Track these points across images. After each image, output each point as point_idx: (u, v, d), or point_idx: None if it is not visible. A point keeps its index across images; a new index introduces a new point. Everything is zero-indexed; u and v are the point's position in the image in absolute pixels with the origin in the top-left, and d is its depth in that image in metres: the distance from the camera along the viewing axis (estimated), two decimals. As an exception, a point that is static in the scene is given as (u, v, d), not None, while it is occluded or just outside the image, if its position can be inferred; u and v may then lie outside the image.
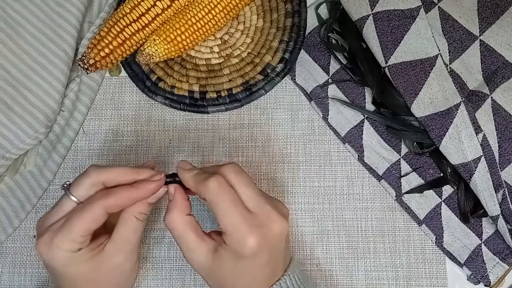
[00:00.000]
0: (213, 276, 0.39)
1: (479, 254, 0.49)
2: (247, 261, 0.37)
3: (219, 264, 0.38)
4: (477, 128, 0.46)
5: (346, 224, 0.51)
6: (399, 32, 0.48)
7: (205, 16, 0.50)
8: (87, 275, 0.38)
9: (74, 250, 0.36)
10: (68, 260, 0.37)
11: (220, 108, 0.51)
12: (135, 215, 0.38)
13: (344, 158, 0.52)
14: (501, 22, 0.48)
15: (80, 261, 0.37)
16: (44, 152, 0.52)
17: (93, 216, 0.36)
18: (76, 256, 0.37)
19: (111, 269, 0.38)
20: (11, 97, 0.49)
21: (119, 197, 0.37)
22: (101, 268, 0.38)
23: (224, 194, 0.37)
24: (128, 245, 0.39)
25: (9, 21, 0.50)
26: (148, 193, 0.38)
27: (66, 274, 0.37)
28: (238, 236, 0.36)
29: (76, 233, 0.36)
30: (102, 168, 0.38)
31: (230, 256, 0.37)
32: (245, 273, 0.38)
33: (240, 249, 0.36)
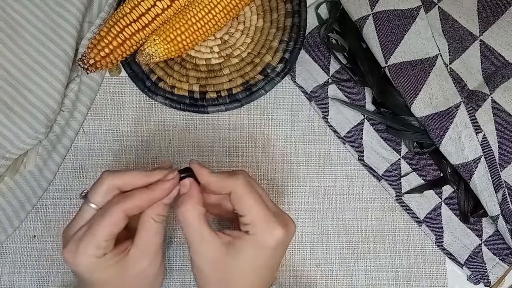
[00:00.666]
0: (220, 270, 0.39)
1: (479, 254, 0.49)
2: (266, 254, 0.38)
3: (234, 257, 0.38)
4: (477, 128, 0.46)
5: (346, 224, 0.51)
6: (399, 32, 0.48)
7: (205, 16, 0.50)
8: (113, 280, 0.38)
9: (99, 255, 0.37)
10: (94, 266, 0.37)
11: (220, 108, 0.51)
12: (153, 218, 0.39)
13: (344, 158, 0.52)
14: (501, 22, 0.48)
15: (106, 266, 0.37)
16: (44, 152, 0.52)
17: (114, 220, 0.37)
18: (102, 262, 0.37)
19: (136, 274, 0.39)
20: (11, 97, 0.49)
21: (136, 200, 0.38)
22: (126, 273, 0.38)
23: (252, 187, 0.39)
24: (151, 248, 0.39)
25: (9, 21, 0.50)
26: (164, 193, 0.39)
27: (93, 280, 0.38)
28: (266, 226, 0.38)
29: (100, 238, 0.37)
30: (115, 173, 0.39)
31: (250, 248, 0.38)
32: (261, 268, 0.39)
33: (266, 239, 0.38)
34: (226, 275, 0.39)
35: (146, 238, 0.39)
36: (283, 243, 0.39)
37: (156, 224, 0.39)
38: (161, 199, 0.39)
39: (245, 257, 0.38)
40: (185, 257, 0.51)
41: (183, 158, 0.53)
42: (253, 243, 0.38)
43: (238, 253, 0.38)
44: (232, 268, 0.38)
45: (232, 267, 0.38)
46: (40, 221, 0.52)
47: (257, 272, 0.39)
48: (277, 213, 0.39)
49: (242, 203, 0.38)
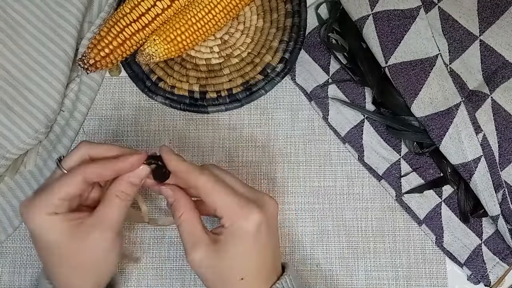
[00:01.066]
0: (216, 270, 0.39)
1: (479, 254, 0.49)
2: (250, 240, 0.38)
3: (222, 253, 0.38)
4: (477, 128, 0.46)
5: (346, 224, 0.51)
6: (399, 32, 0.48)
7: (205, 16, 0.50)
8: (61, 244, 0.38)
9: (50, 212, 0.37)
10: (44, 223, 0.37)
11: (220, 108, 0.51)
12: (117, 194, 0.39)
13: (344, 158, 0.52)
14: (501, 22, 0.49)
15: (56, 227, 0.37)
16: (44, 152, 0.52)
17: (71, 181, 0.37)
18: (52, 220, 0.37)
19: (86, 245, 0.38)
20: (11, 97, 0.49)
21: (98, 166, 0.38)
22: (76, 241, 0.38)
23: (217, 179, 0.39)
24: (107, 222, 0.38)
25: (9, 21, 0.50)
26: (127, 165, 0.38)
27: (41, 238, 0.38)
28: (239, 214, 0.38)
29: (54, 196, 0.37)
30: (92, 143, 0.40)
31: (232, 240, 0.38)
32: (249, 256, 0.38)
33: (244, 226, 0.37)
34: (219, 273, 0.38)
35: (104, 211, 0.38)
36: (266, 223, 0.38)
37: (118, 200, 0.39)
38: (123, 172, 0.39)
39: (231, 250, 0.38)
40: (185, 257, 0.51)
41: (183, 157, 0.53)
42: (232, 234, 0.38)
43: (221, 249, 0.38)
44: (224, 265, 0.38)
45: (223, 264, 0.38)
46: (40, 221, 0.52)
47: (251, 259, 0.38)
48: (251, 197, 0.39)
49: (209, 197, 0.38)
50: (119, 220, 0.39)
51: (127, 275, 0.51)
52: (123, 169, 0.39)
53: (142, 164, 0.39)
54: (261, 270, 0.39)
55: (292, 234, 0.51)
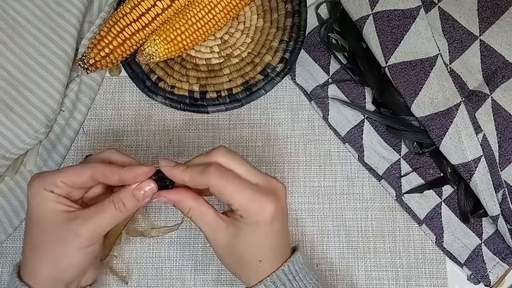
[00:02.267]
0: (235, 254, 0.40)
1: (479, 254, 0.49)
2: (266, 228, 0.39)
3: (241, 239, 0.39)
4: (477, 128, 0.46)
5: (346, 224, 0.51)
6: (399, 32, 0.48)
7: (205, 16, 0.50)
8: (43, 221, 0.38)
9: (47, 188, 0.38)
10: (39, 195, 0.38)
11: (220, 108, 0.51)
12: (114, 200, 0.38)
13: (344, 158, 0.52)
14: (501, 22, 0.49)
15: (46, 203, 0.38)
16: (44, 152, 0.52)
17: (79, 171, 0.39)
18: (45, 196, 0.38)
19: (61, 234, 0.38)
20: (11, 97, 0.49)
21: (106, 167, 0.39)
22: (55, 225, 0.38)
23: (227, 176, 0.38)
24: (91, 223, 0.38)
25: (9, 21, 0.50)
26: (131, 174, 0.38)
27: (31, 208, 0.39)
28: (255, 206, 0.38)
29: (58, 176, 0.38)
30: (118, 151, 0.41)
31: (250, 228, 0.39)
32: (265, 241, 0.39)
33: (260, 218, 0.38)
34: (238, 256, 0.40)
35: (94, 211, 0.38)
36: (280, 212, 0.39)
37: (114, 211, 0.38)
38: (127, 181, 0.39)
39: (249, 237, 0.39)
40: (185, 257, 0.51)
41: (183, 158, 0.53)
42: (250, 224, 0.38)
43: (239, 234, 0.39)
44: (241, 248, 0.39)
45: (240, 248, 0.39)
46: (40, 221, 0.52)
47: (267, 244, 0.40)
48: (263, 184, 0.39)
49: (222, 195, 0.38)
50: (102, 227, 0.38)
51: (127, 275, 0.51)
52: (126, 177, 0.39)
53: (149, 180, 0.39)
54: (277, 252, 0.40)
55: (292, 234, 0.51)
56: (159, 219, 0.52)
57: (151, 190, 0.39)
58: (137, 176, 0.39)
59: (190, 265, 0.51)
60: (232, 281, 0.50)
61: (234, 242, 0.39)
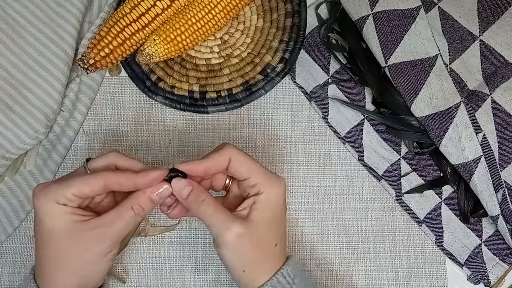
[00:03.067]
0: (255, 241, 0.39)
1: (479, 254, 0.49)
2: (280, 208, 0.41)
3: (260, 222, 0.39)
4: (477, 128, 0.46)
5: (346, 224, 0.51)
6: (399, 32, 0.48)
7: (205, 16, 0.50)
8: (60, 235, 0.38)
9: (59, 202, 0.37)
10: (51, 209, 0.37)
11: (220, 108, 0.51)
12: (133, 206, 0.39)
13: (344, 158, 0.52)
14: (501, 22, 0.49)
15: (61, 217, 0.37)
16: (44, 152, 0.52)
17: (91, 182, 0.38)
18: (59, 209, 0.37)
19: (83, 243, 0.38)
20: (11, 97, 0.49)
21: (120, 175, 0.39)
22: (74, 236, 0.38)
23: (243, 153, 0.41)
24: (111, 229, 0.38)
25: (9, 21, 0.50)
26: (148, 179, 0.39)
27: (44, 223, 0.38)
28: (272, 183, 0.40)
29: (69, 189, 0.37)
30: (120, 154, 0.41)
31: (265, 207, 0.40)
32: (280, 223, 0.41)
33: (275, 194, 0.40)
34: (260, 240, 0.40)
35: (113, 217, 0.38)
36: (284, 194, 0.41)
37: (131, 213, 0.39)
38: (143, 187, 0.39)
39: (267, 216, 0.40)
40: (185, 257, 0.51)
41: (183, 158, 0.53)
42: (267, 200, 0.40)
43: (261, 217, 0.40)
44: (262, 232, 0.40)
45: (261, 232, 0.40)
46: (40, 221, 0.52)
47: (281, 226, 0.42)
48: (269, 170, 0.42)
49: (243, 167, 0.40)
50: (123, 231, 0.39)
51: (127, 275, 0.51)
52: (143, 184, 0.39)
53: (163, 182, 0.39)
54: (285, 238, 0.42)
55: (292, 234, 0.51)
56: (156, 218, 0.52)
57: (167, 191, 0.40)
58: (153, 180, 0.39)
59: (190, 265, 0.51)
60: (232, 281, 0.50)
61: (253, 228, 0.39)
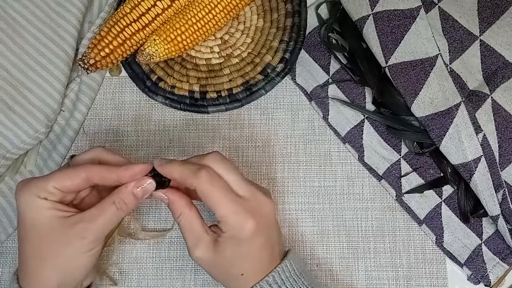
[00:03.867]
0: (218, 267, 0.40)
1: (479, 254, 0.49)
2: (247, 244, 0.39)
3: (221, 254, 0.39)
4: (477, 128, 0.46)
5: (346, 224, 0.51)
6: (399, 32, 0.48)
7: (205, 16, 0.50)
8: (41, 230, 0.37)
9: (40, 196, 0.37)
10: (32, 204, 0.37)
11: (220, 108, 0.51)
12: (115, 201, 0.38)
13: (344, 158, 0.52)
14: (501, 22, 0.49)
15: (42, 211, 0.37)
16: (44, 152, 0.52)
17: (72, 175, 0.38)
18: (39, 203, 0.37)
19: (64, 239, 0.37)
20: (11, 97, 0.49)
21: (102, 168, 0.38)
22: (55, 231, 0.37)
23: (216, 184, 0.38)
24: (93, 225, 0.37)
25: (9, 21, 0.50)
26: (130, 172, 0.38)
27: (25, 217, 0.37)
28: (236, 221, 0.38)
29: (50, 183, 0.37)
30: (105, 150, 0.40)
31: (230, 243, 0.39)
32: (247, 257, 0.39)
33: (240, 233, 0.38)
34: (225, 270, 0.40)
35: (95, 213, 0.38)
36: (263, 226, 0.39)
37: (114, 208, 0.38)
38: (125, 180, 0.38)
39: (229, 253, 0.39)
40: (185, 257, 0.51)
41: (183, 158, 0.53)
42: (230, 238, 0.38)
43: (223, 249, 0.39)
44: (225, 263, 0.39)
45: (224, 263, 0.39)
46: (40, 221, 0.52)
47: (248, 259, 0.39)
48: (248, 198, 0.39)
49: (208, 201, 0.38)
50: (105, 227, 0.38)
51: (127, 275, 0.51)
52: (126, 177, 0.39)
53: (146, 177, 0.39)
54: (260, 265, 0.40)
55: (292, 234, 0.51)
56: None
57: (151, 186, 0.39)
58: (136, 174, 0.39)
59: (190, 265, 0.51)
60: (232, 281, 0.50)
61: (215, 256, 0.39)
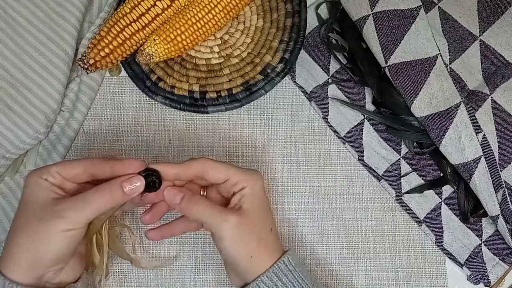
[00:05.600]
0: (252, 228, 0.42)
1: (479, 254, 0.49)
2: (265, 199, 0.44)
3: (252, 212, 0.42)
4: (477, 128, 0.46)
5: (346, 224, 0.51)
6: (399, 32, 0.48)
7: (205, 16, 0.50)
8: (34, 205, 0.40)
9: (42, 177, 0.40)
10: (33, 182, 0.40)
11: (220, 108, 0.51)
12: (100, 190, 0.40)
13: (344, 158, 0.52)
14: (501, 22, 0.49)
15: (39, 189, 0.40)
16: (44, 152, 0.52)
17: (74, 164, 0.41)
18: (40, 183, 0.40)
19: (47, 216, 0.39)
20: (11, 97, 0.49)
21: (100, 160, 0.41)
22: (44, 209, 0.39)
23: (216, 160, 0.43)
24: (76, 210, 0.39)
25: (9, 21, 0.50)
26: (124, 166, 0.41)
27: (24, 194, 0.41)
28: (250, 178, 0.43)
29: (53, 167, 0.41)
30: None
31: (255, 199, 0.42)
32: (268, 212, 0.44)
33: (257, 185, 0.43)
34: (256, 227, 0.42)
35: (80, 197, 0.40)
36: (264, 187, 0.45)
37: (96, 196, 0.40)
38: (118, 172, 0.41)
39: (257, 207, 0.42)
40: (185, 257, 0.51)
41: (183, 158, 0.53)
42: (252, 192, 0.42)
43: (251, 207, 0.42)
44: (257, 220, 0.42)
45: (257, 220, 0.42)
46: (40, 221, 0.52)
47: (269, 214, 0.44)
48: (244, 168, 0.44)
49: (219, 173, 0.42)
50: (86, 212, 0.39)
51: (127, 275, 0.51)
52: (119, 169, 0.41)
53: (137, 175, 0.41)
54: (275, 226, 0.45)
55: (292, 234, 0.51)
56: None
57: (139, 184, 0.41)
58: (128, 167, 0.41)
59: (190, 265, 0.51)
60: (232, 281, 0.50)
61: (247, 218, 0.41)
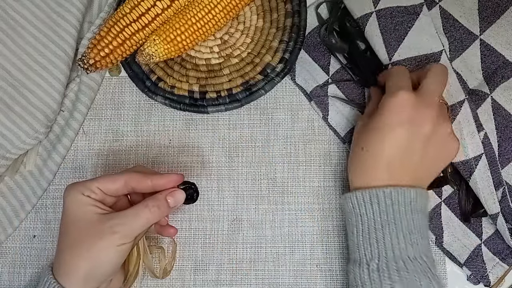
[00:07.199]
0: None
1: (479, 254, 0.49)
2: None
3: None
4: (479, 126, 0.46)
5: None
6: (402, 28, 0.48)
7: (205, 16, 0.50)
8: (81, 223, 0.41)
9: (84, 193, 0.42)
10: (76, 199, 0.42)
11: (220, 108, 0.51)
12: (149, 205, 0.42)
13: (344, 158, 0.52)
14: (502, 22, 0.49)
15: (84, 206, 0.41)
16: (44, 152, 0.52)
17: (115, 179, 0.43)
18: (82, 200, 0.41)
19: (96, 232, 0.41)
20: (11, 97, 0.49)
21: (140, 175, 0.43)
22: (93, 226, 0.41)
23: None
24: (127, 225, 0.41)
25: (9, 21, 0.50)
26: (165, 180, 0.43)
27: (68, 211, 0.42)
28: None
29: (94, 183, 0.42)
30: (143, 166, 0.48)
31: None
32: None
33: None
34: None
35: (130, 212, 0.42)
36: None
37: (146, 211, 0.42)
38: (159, 187, 0.43)
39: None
40: (185, 257, 0.51)
41: (183, 158, 0.53)
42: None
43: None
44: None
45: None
46: (40, 221, 0.52)
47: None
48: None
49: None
50: (136, 226, 0.41)
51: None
52: (160, 183, 0.43)
53: (177, 188, 0.44)
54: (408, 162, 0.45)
55: (292, 234, 0.51)
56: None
57: (182, 197, 0.44)
58: (169, 182, 0.43)
59: (190, 265, 0.51)
60: (231, 281, 0.50)
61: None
